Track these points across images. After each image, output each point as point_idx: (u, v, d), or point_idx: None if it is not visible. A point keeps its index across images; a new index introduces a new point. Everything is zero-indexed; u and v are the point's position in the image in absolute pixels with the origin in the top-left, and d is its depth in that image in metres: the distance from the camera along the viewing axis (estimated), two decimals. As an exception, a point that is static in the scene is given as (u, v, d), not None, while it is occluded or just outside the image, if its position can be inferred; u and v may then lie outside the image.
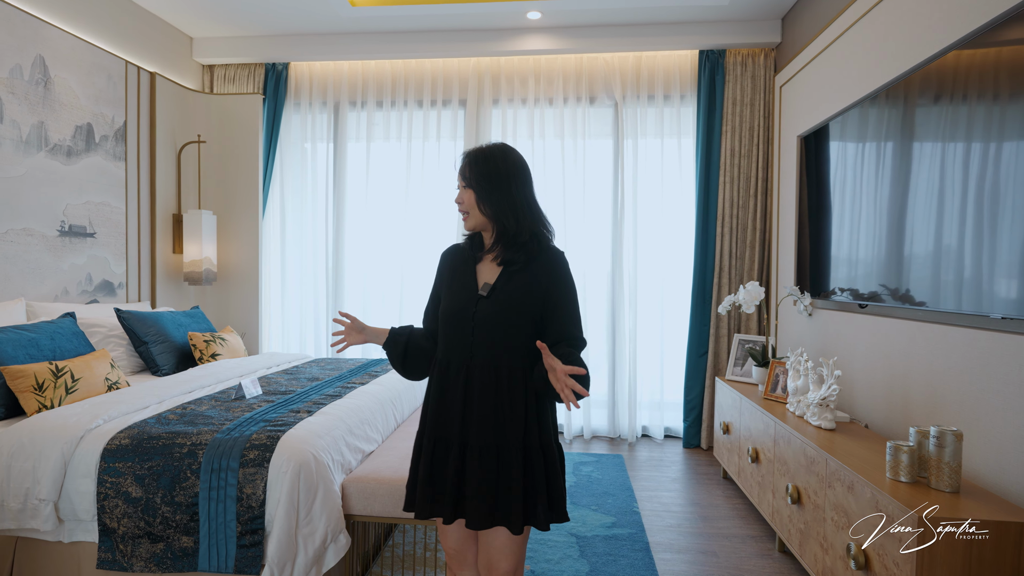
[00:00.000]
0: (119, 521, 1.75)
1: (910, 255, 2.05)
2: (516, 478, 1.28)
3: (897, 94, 2.16)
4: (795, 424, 2.32)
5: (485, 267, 1.41)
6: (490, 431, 1.29)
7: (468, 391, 1.32)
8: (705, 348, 3.86)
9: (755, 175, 3.76)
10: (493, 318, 1.32)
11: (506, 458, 1.29)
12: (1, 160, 2.71)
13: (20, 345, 2.18)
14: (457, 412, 1.32)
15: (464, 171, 1.39)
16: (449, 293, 1.40)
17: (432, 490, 1.33)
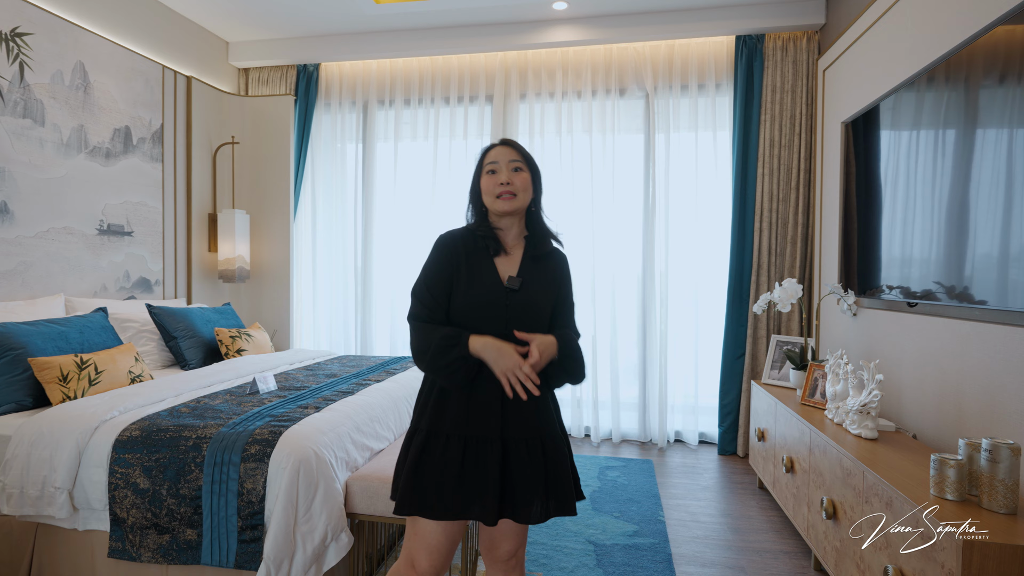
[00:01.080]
0: (128, 512, 1.78)
1: (972, 249, 1.83)
2: (563, 463, 1.33)
3: (958, 70, 1.95)
4: (833, 432, 2.13)
5: (503, 260, 1.38)
6: (531, 424, 1.30)
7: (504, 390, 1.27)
8: (742, 350, 3.66)
9: (797, 166, 3.54)
10: (527, 310, 1.33)
11: (550, 447, 1.32)
12: (43, 162, 2.84)
13: (50, 338, 2.26)
14: (495, 409, 1.28)
15: (518, 153, 1.39)
16: (470, 285, 1.33)
17: (471, 492, 1.24)
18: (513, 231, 1.42)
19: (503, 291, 1.33)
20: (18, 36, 2.72)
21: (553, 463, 1.31)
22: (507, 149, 1.38)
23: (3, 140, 2.65)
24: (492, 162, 1.38)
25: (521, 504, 1.26)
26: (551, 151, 4.00)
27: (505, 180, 1.35)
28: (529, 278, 1.36)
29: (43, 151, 2.84)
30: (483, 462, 1.26)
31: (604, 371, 3.97)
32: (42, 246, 2.83)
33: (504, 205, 1.35)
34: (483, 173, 1.39)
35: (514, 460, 1.27)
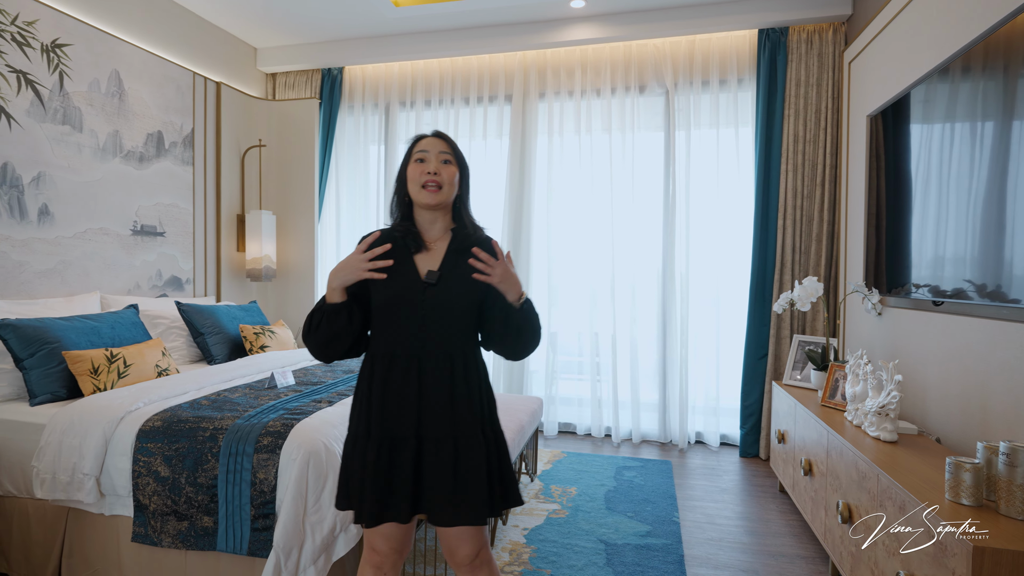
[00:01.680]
0: (150, 498, 1.86)
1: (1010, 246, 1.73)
2: (477, 468, 1.25)
3: (994, 56, 1.86)
4: (852, 435, 2.07)
5: (424, 256, 1.36)
6: (447, 422, 1.27)
7: (422, 383, 1.27)
8: (764, 350, 3.58)
9: (822, 162, 3.44)
10: (445, 305, 1.30)
11: (465, 448, 1.26)
12: (81, 166, 2.98)
13: (83, 333, 2.38)
14: (411, 406, 1.26)
15: (449, 145, 1.37)
16: (384, 282, 1.30)
17: (384, 493, 1.24)
18: (438, 225, 1.38)
19: (420, 286, 1.30)
20: (58, 47, 2.87)
21: (465, 466, 1.25)
22: (438, 140, 1.35)
23: (44, 146, 2.80)
24: (422, 151, 1.34)
25: (430, 503, 1.24)
26: (570, 150, 4.00)
27: (433, 170, 1.31)
28: (450, 271, 1.32)
29: (81, 156, 2.99)
30: (397, 461, 1.25)
31: (624, 371, 3.94)
32: (80, 246, 2.97)
33: (429, 198, 1.31)
34: (411, 160, 1.35)
35: (426, 459, 1.26)
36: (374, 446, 1.26)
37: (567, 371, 4.13)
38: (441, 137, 1.37)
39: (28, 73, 2.73)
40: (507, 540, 2.38)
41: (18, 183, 2.69)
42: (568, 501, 2.82)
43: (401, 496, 1.24)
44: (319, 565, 1.73)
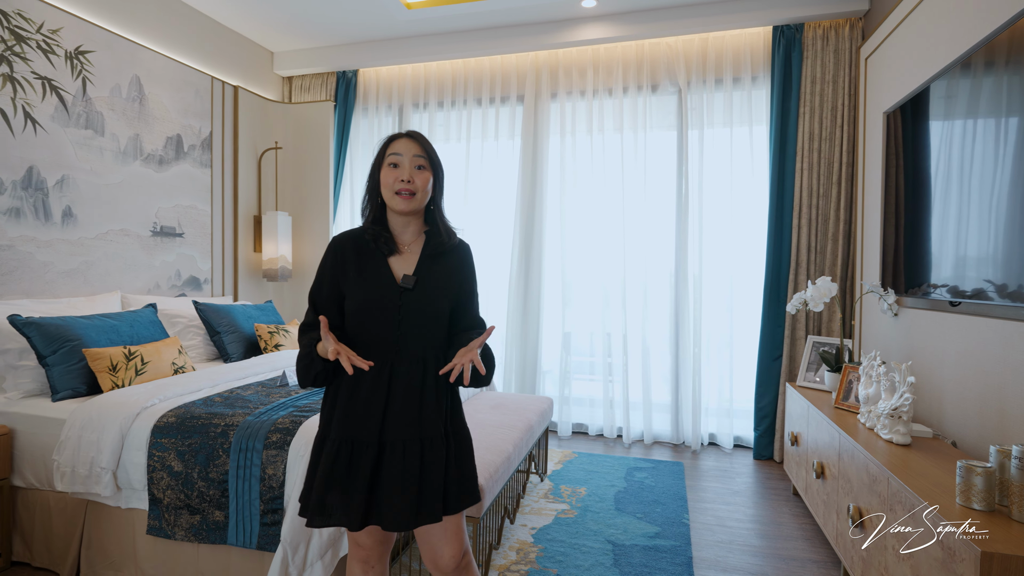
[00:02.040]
0: (164, 492, 1.91)
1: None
2: (438, 470, 1.26)
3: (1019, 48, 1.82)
4: (864, 437, 2.04)
5: (397, 259, 1.34)
6: (413, 425, 1.26)
7: (391, 387, 1.27)
8: (779, 351, 3.53)
9: (838, 160, 3.38)
10: (421, 310, 1.29)
11: (429, 451, 1.27)
12: (102, 169, 3.07)
13: (103, 331, 2.45)
14: (377, 410, 1.26)
15: (423, 148, 1.32)
16: (359, 286, 1.29)
17: (339, 497, 1.23)
18: (411, 228, 1.37)
19: (396, 291, 1.29)
20: (81, 54, 2.96)
21: (429, 468, 1.25)
22: (412, 143, 1.31)
23: (68, 149, 2.89)
24: (395, 154, 1.30)
25: (387, 509, 1.22)
26: (583, 150, 3.99)
27: (406, 178, 1.28)
28: (425, 276, 1.32)
29: (103, 159, 3.07)
30: (356, 465, 1.24)
31: (635, 372, 3.92)
32: (101, 247, 3.06)
33: (402, 204, 1.29)
34: (384, 164, 1.31)
35: (387, 462, 1.24)
36: (331, 448, 1.26)
37: (579, 371, 4.12)
38: (415, 139, 1.32)
39: (52, 79, 2.82)
40: (514, 539, 2.39)
41: (43, 186, 2.78)
42: (577, 501, 2.82)
43: (359, 502, 1.22)
44: (326, 560, 1.75)
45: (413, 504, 1.22)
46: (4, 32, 2.61)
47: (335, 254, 1.33)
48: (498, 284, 4.18)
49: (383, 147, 1.34)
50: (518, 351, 4.08)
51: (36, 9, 2.74)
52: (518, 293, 4.06)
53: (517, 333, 4.07)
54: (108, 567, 1.99)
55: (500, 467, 2.08)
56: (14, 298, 2.63)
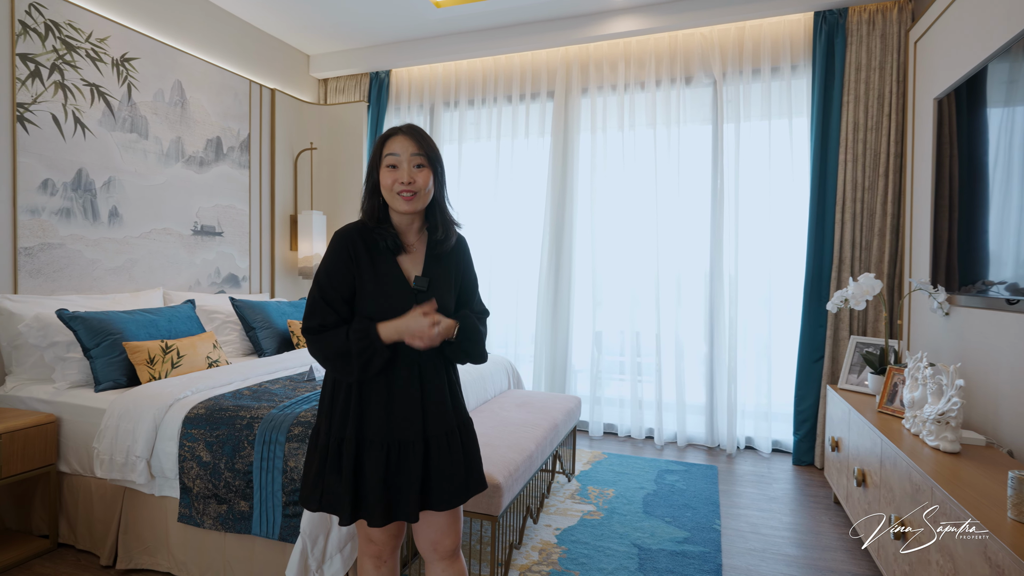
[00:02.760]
0: (194, 481, 1.97)
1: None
2: (474, 451, 1.38)
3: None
4: (909, 444, 1.91)
5: (404, 258, 1.33)
6: (450, 419, 1.34)
7: (424, 385, 1.30)
8: (820, 352, 3.37)
9: (886, 150, 3.20)
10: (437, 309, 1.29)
11: (464, 436, 1.36)
12: (146, 170, 3.20)
13: (142, 325, 2.55)
14: (416, 409, 1.28)
15: (420, 146, 1.27)
16: (377, 288, 1.26)
17: (393, 495, 1.26)
18: (415, 226, 1.35)
19: (411, 293, 1.28)
20: (127, 61, 3.09)
21: (469, 447, 1.36)
22: (409, 141, 1.26)
23: (114, 152, 3.03)
24: (392, 154, 1.25)
25: (437, 495, 1.28)
26: (614, 146, 3.92)
27: (406, 180, 1.24)
28: (435, 276, 1.32)
29: (146, 161, 3.21)
30: (406, 466, 1.26)
31: (669, 372, 3.82)
32: (145, 245, 3.19)
33: (405, 206, 1.26)
34: (382, 165, 1.26)
35: (435, 455, 1.28)
36: (380, 451, 1.25)
37: (609, 371, 4.05)
38: (412, 135, 1.27)
39: (100, 86, 2.95)
40: (537, 539, 2.36)
41: (91, 187, 2.92)
42: (604, 503, 2.76)
43: (410, 497, 1.26)
44: (345, 553, 1.77)
45: (462, 486, 1.31)
46: (56, 42, 2.76)
47: (347, 248, 1.28)
48: (527, 283, 4.15)
49: (379, 145, 1.28)
50: (548, 350, 4.04)
51: (85, 19, 2.88)
52: (548, 291, 4.02)
53: (547, 332, 4.04)
54: (143, 552, 2.07)
55: (521, 466, 2.06)
56: (65, 294, 2.77)
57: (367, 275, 1.27)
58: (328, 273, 1.28)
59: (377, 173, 1.29)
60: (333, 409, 1.29)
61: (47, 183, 2.72)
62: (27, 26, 2.64)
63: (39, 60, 2.69)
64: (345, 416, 1.28)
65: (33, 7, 2.66)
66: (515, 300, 4.18)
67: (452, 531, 1.37)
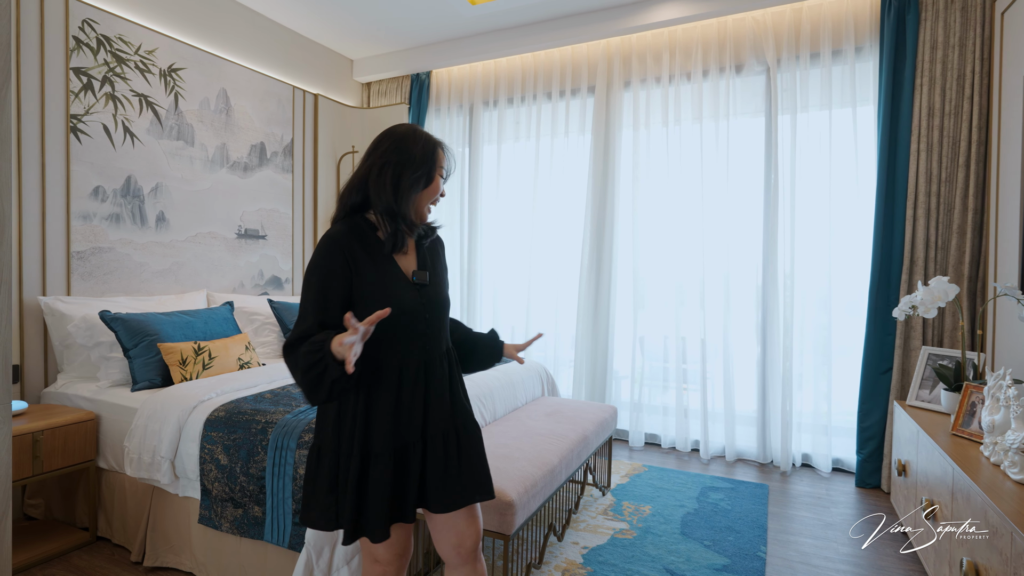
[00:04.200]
0: (212, 484, 1.98)
1: None
2: (479, 451, 1.34)
3: None
4: (987, 476, 1.65)
5: (400, 257, 1.32)
6: (448, 416, 1.31)
7: (428, 389, 1.28)
8: (889, 363, 3.04)
9: (967, 138, 2.84)
10: (438, 305, 1.33)
11: (464, 436, 1.32)
12: (192, 176, 3.32)
13: (178, 327, 2.62)
14: (419, 409, 1.27)
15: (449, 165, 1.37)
16: (382, 287, 1.22)
17: (397, 503, 1.23)
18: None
19: (414, 287, 1.29)
20: (174, 71, 3.21)
21: (473, 450, 1.32)
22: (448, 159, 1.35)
23: (161, 159, 3.15)
24: (443, 168, 1.33)
25: (434, 495, 1.26)
26: (657, 141, 3.71)
27: (442, 192, 1.34)
28: (432, 269, 1.36)
29: (192, 167, 3.32)
30: (408, 468, 1.25)
31: (716, 379, 3.58)
32: (191, 248, 3.31)
33: (430, 214, 1.36)
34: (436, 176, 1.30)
35: (431, 455, 1.27)
36: (388, 461, 1.21)
37: (652, 378, 3.85)
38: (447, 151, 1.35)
39: (148, 96, 3.08)
40: (562, 558, 2.23)
41: (139, 193, 3.04)
42: (639, 521, 2.59)
43: (410, 498, 1.26)
44: (353, 566, 1.71)
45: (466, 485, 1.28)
46: (107, 56, 2.89)
47: (342, 253, 1.21)
48: (568, 286, 4.01)
49: (433, 154, 1.29)
50: (588, 355, 3.89)
51: (135, 33, 3.01)
52: (588, 294, 3.87)
53: (587, 336, 3.88)
54: (168, 551, 2.11)
55: (540, 481, 1.94)
56: (114, 296, 2.90)
57: (368, 275, 1.23)
58: (319, 282, 1.21)
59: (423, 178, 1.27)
60: (341, 422, 1.24)
61: (98, 190, 2.85)
62: (80, 41, 2.77)
63: (91, 73, 2.82)
64: (353, 428, 1.23)
65: (86, 23, 2.80)
66: (555, 304, 4.05)
67: (473, 524, 1.34)
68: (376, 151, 1.27)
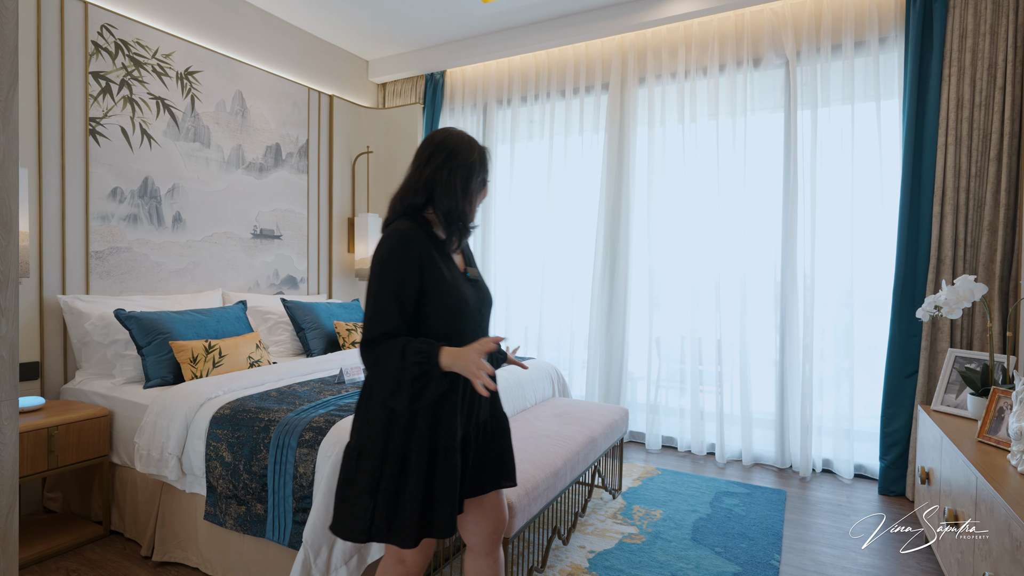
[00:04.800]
0: (217, 481, 1.99)
1: None
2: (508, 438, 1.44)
3: None
4: (1015, 487, 1.56)
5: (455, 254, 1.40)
6: (489, 407, 1.40)
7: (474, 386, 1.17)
8: (914, 366, 2.92)
9: (999, 130, 2.71)
10: (487, 301, 1.40)
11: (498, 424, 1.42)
12: (208, 177, 3.37)
13: (191, 325, 2.66)
14: (476, 405, 1.35)
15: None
16: (452, 285, 1.27)
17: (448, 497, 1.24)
18: None
19: (471, 284, 1.36)
20: (190, 74, 3.27)
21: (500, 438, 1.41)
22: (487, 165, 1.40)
23: (178, 161, 3.21)
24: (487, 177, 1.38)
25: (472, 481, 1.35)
26: (673, 139, 3.63)
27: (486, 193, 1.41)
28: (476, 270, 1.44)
29: (208, 168, 3.37)
30: (452, 465, 1.25)
31: (732, 379, 3.49)
32: (206, 248, 3.36)
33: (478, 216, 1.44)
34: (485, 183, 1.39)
35: (476, 445, 1.35)
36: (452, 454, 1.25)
37: (669, 379, 3.77)
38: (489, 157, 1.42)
39: (165, 99, 3.14)
40: (567, 562, 2.19)
41: (156, 194, 3.10)
42: (649, 525, 2.53)
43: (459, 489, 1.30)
44: (351, 566, 1.70)
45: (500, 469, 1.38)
46: (125, 60, 2.95)
47: (416, 250, 1.22)
48: (582, 286, 3.96)
49: (483, 161, 1.35)
50: (602, 356, 3.83)
51: (152, 37, 3.07)
52: (602, 295, 3.81)
53: (601, 336, 3.83)
54: (176, 546, 2.13)
55: (542, 484, 1.90)
56: (131, 294, 2.96)
57: (437, 272, 1.25)
58: (398, 278, 1.20)
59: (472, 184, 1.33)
60: (393, 421, 1.23)
61: (116, 191, 2.92)
62: (99, 46, 2.84)
63: (109, 77, 2.89)
64: (411, 426, 1.23)
65: (105, 28, 2.86)
66: (569, 304, 4.00)
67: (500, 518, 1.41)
68: (438, 155, 1.30)
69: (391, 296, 1.19)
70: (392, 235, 1.22)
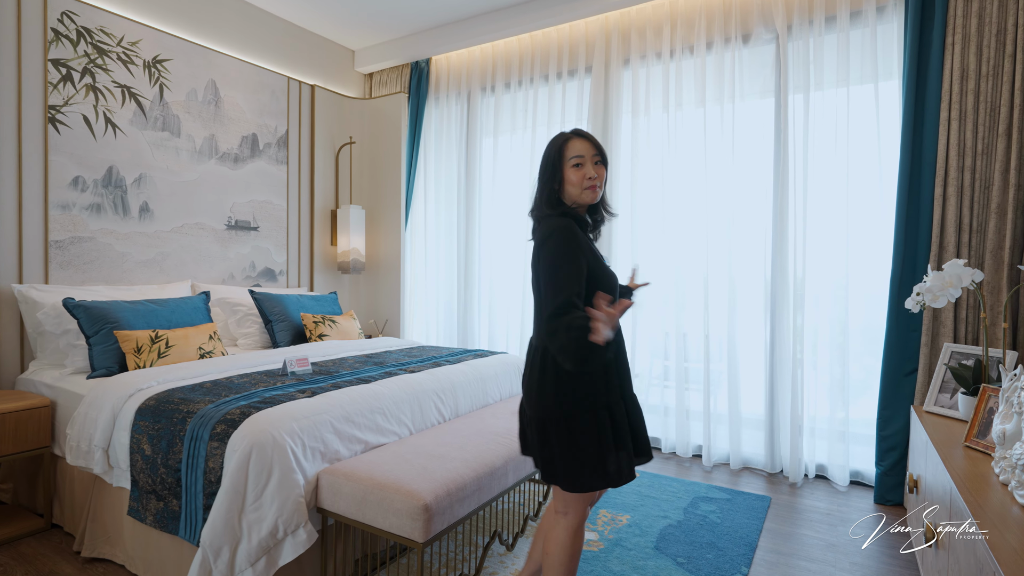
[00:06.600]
0: (139, 474, 1.91)
1: None
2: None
3: None
4: (996, 500, 1.35)
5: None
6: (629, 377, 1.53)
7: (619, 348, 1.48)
8: (913, 364, 2.67)
9: (1008, 102, 2.45)
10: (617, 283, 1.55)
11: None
12: (178, 167, 3.32)
13: (142, 315, 2.60)
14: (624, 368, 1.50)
15: (597, 148, 1.49)
16: (604, 268, 1.47)
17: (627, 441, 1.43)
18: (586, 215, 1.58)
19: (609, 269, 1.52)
20: (159, 63, 3.23)
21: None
22: (588, 144, 1.48)
23: (145, 150, 3.16)
24: (578, 155, 1.46)
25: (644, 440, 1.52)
26: (657, 127, 3.43)
27: (592, 175, 1.46)
28: None
29: (179, 158, 3.32)
30: (622, 413, 1.44)
31: (719, 377, 3.28)
32: (176, 239, 3.31)
33: (590, 197, 1.48)
34: (567, 165, 1.47)
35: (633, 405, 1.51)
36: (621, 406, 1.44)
37: (652, 376, 3.57)
38: (588, 139, 1.49)
39: (131, 87, 3.10)
40: (510, 570, 2.03)
41: (122, 184, 3.06)
42: (612, 532, 2.36)
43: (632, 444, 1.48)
44: (258, 568, 1.59)
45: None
46: (88, 47, 2.92)
47: (580, 236, 1.42)
48: (565, 277, 3.78)
49: (560, 149, 1.48)
50: (585, 351, 3.65)
51: (117, 25, 3.03)
52: (585, 286, 3.63)
53: (583, 331, 3.64)
54: (106, 542, 2.06)
55: (470, 485, 1.76)
56: (94, 285, 2.92)
57: (595, 258, 1.46)
58: (573, 259, 1.36)
59: (561, 172, 1.48)
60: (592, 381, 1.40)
61: (78, 180, 2.88)
62: (59, 33, 2.81)
63: (71, 65, 2.85)
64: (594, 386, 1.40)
65: (65, 15, 2.83)
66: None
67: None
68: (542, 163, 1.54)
69: (571, 278, 1.33)
70: (559, 229, 1.39)
